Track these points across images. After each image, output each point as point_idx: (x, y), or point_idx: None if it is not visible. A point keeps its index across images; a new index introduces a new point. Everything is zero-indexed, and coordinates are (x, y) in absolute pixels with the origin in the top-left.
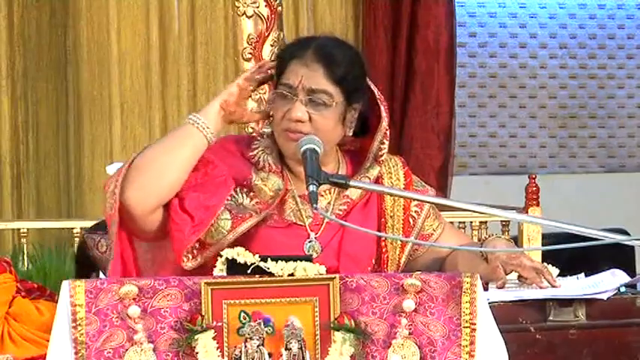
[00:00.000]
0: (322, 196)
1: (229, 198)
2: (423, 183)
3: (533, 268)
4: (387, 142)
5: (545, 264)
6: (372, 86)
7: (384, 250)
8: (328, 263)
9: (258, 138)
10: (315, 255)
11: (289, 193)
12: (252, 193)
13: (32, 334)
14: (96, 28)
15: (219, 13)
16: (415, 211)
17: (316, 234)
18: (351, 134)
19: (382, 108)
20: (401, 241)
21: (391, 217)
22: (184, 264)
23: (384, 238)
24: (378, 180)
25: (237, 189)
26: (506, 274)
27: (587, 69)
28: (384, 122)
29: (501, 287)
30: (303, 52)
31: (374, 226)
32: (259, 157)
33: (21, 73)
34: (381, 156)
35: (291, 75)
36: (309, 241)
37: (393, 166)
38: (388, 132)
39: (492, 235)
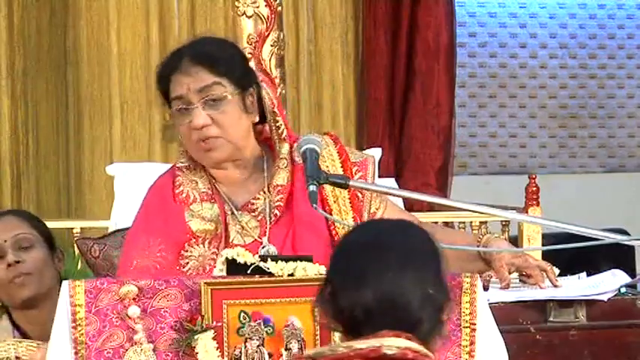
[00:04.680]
0: (258, 199)
1: (185, 261)
2: (362, 153)
3: (538, 267)
4: (280, 119)
5: (549, 263)
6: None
7: (334, 234)
8: None
9: (177, 173)
10: None
11: (227, 212)
12: (200, 238)
13: None
14: (96, 28)
15: (219, 13)
16: None
17: (267, 237)
18: (257, 119)
19: (263, 85)
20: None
21: (335, 201)
22: None
23: (331, 222)
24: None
25: (185, 244)
26: (509, 274)
27: (587, 69)
28: (267, 100)
29: (506, 288)
30: (178, 63)
31: (321, 216)
32: (187, 193)
33: (21, 73)
34: (282, 134)
35: (176, 87)
36: (263, 247)
37: (325, 147)
38: (275, 107)
39: (491, 234)
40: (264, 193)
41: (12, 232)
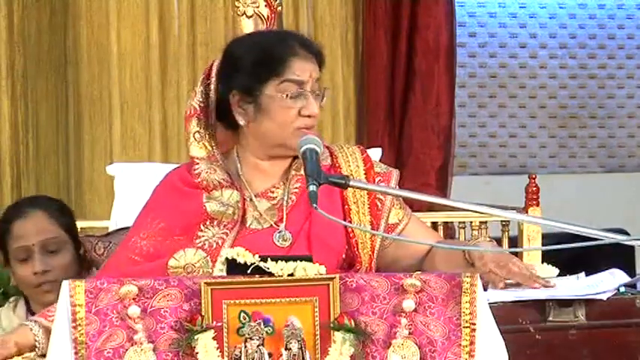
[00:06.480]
0: (278, 188)
1: (200, 242)
2: (387, 166)
3: (521, 275)
4: None
5: (534, 265)
6: None
7: (351, 235)
8: (300, 252)
9: (197, 161)
10: (286, 244)
11: (247, 199)
12: (215, 221)
13: None
14: (96, 28)
15: (219, 13)
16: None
17: (284, 224)
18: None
19: None
20: (392, 238)
21: (354, 202)
22: None
23: (347, 214)
24: (334, 166)
25: (201, 225)
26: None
27: (587, 69)
28: None
29: (503, 288)
30: (292, 48)
31: (339, 212)
32: (207, 180)
33: (21, 73)
34: None
35: (300, 72)
36: (279, 232)
37: (351, 154)
38: None
39: (477, 238)
40: (284, 183)
41: (40, 235)
